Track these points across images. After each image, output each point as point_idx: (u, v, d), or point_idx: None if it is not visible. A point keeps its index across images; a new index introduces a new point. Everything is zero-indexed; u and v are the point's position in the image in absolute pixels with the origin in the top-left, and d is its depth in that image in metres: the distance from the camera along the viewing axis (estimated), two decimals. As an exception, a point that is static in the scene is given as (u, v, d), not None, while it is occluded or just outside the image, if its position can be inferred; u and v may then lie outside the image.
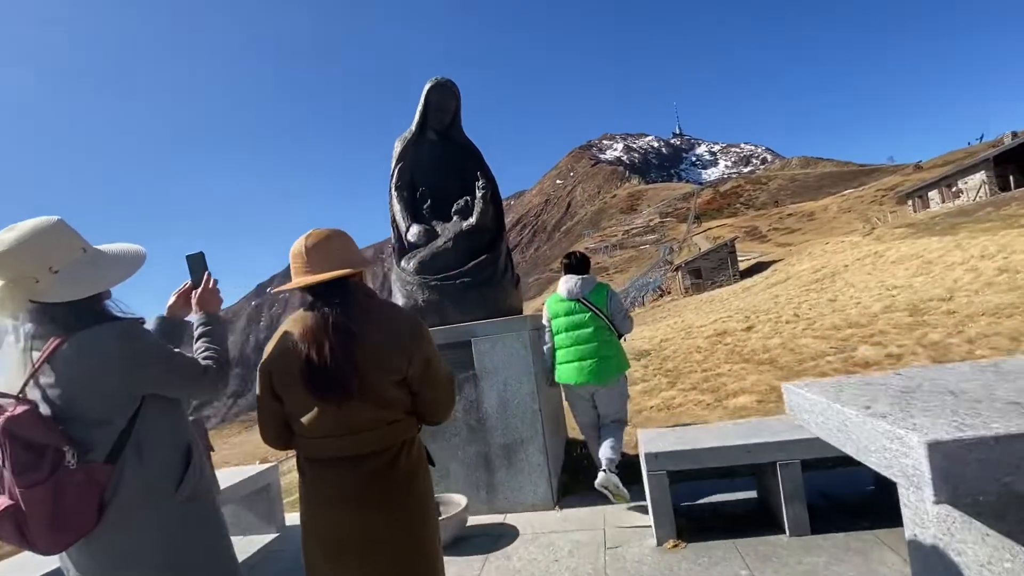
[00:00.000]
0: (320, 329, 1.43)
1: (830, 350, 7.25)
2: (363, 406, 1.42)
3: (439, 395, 1.56)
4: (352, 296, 1.49)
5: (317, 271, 1.48)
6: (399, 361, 1.45)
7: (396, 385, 1.46)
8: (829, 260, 21.20)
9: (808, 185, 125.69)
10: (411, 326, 1.50)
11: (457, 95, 4.42)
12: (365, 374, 1.41)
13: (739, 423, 3.39)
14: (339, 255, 1.50)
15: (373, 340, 1.43)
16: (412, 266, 4.01)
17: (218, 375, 1.52)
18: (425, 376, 1.51)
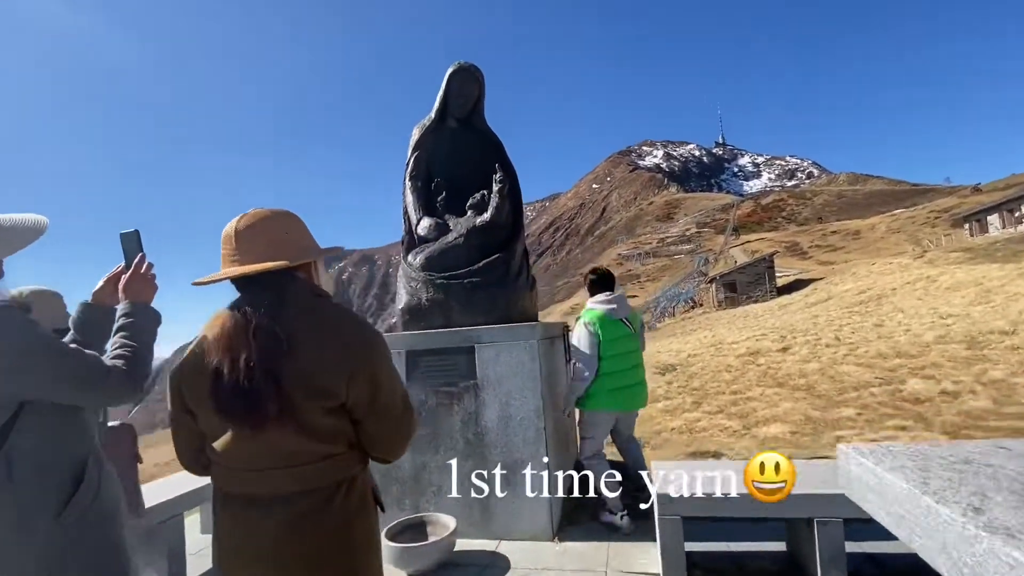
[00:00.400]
0: (238, 334, 1.12)
1: (875, 380, 6.62)
2: (286, 435, 1.11)
3: (387, 430, 1.23)
4: (288, 295, 1.18)
5: (246, 261, 1.18)
6: (335, 383, 1.13)
7: (330, 412, 1.15)
8: (875, 282, 20.00)
9: (856, 202, 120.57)
10: (359, 339, 1.18)
11: (480, 81, 4.11)
12: (290, 395, 1.10)
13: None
14: (277, 242, 1.20)
15: (306, 353, 1.12)
16: (419, 261, 3.73)
17: (127, 378, 1.24)
18: (372, 405, 1.18)
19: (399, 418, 1.25)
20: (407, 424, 1.28)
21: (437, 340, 3.44)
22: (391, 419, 1.23)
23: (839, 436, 4.85)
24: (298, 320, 1.16)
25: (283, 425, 1.10)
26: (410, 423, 1.29)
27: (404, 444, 1.29)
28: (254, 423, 1.09)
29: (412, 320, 3.66)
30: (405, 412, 1.27)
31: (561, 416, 3.85)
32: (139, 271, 1.44)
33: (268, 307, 1.15)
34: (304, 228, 1.30)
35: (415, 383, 3.45)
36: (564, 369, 4.46)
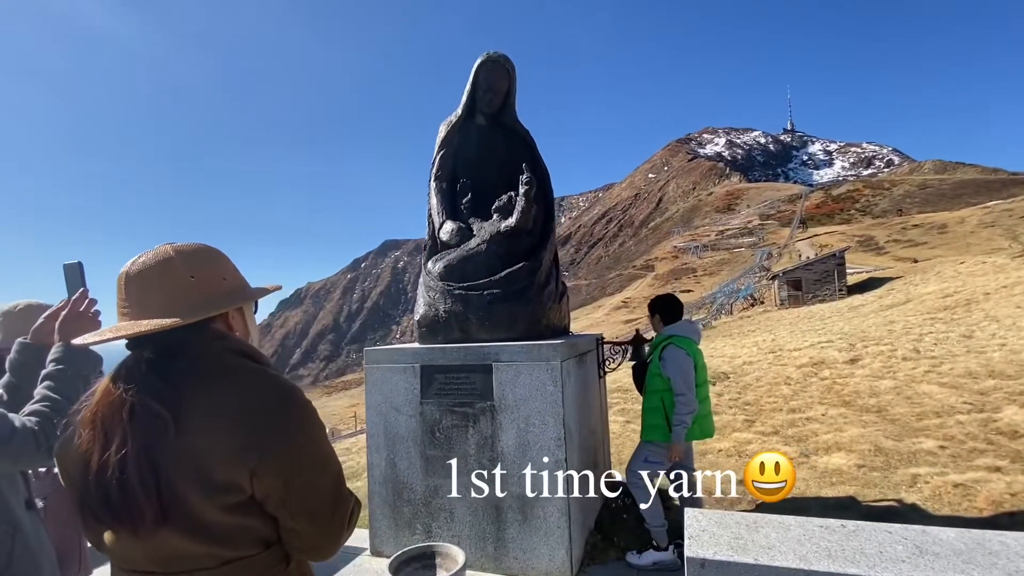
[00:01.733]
0: (110, 413, 0.89)
1: (962, 405, 5.80)
2: (176, 537, 0.87)
3: (310, 530, 0.97)
4: (185, 358, 0.94)
5: (136, 315, 0.95)
6: (235, 475, 0.88)
7: (233, 509, 0.90)
8: (964, 284, 18.02)
9: (942, 193, 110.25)
10: (269, 418, 0.92)
11: (510, 73, 3.79)
12: (177, 491, 0.86)
13: (830, 528, 2.51)
14: (176, 291, 0.96)
15: (199, 438, 0.87)
16: (438, 269, 3.48)
17: (34, 440, 1.05)
18: (286, 501, 0.93)
19: (327, 516, 0.98)
20: (338, 521, 1.00)
21: (453, 356, 3.19)
22: (316, 517, 0.96)
23: (915, 474, 4.22)
24: (194, 393, 0.90)
25: (171, 526, 0.87)
26: (342, 520, 1.01)
27: (336, 544, 1.02)
28: (129, 528, 0.86)
29: (428, 333, 3.43)
30: (336, 506, 0.99)
31: (589, 444, 3.54)
32: (77, 308, 1.25)
33: (155, 376, 0.91)
34: (221, 268, 1.04)
35: (429, 400, 3.23)
36: (598, 387, 4.11)
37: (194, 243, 1.04)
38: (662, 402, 3.25)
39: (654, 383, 3.30)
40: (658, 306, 3.51)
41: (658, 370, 3.27)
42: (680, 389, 3.15)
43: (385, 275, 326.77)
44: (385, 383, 3.34)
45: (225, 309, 1.01)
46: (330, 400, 52.20)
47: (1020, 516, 3.38)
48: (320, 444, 0.98)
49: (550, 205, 3.81)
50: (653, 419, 3.28)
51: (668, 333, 3.37)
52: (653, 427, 3.28)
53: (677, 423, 3.15)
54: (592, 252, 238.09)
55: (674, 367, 3.18)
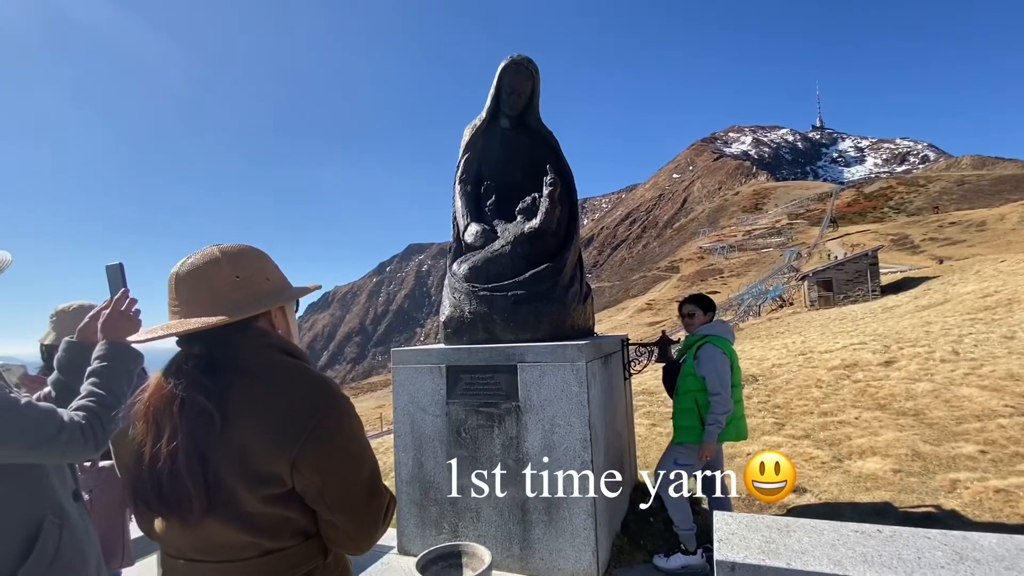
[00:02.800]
0: (161, 408, 0.94)
1: (1004, 408, 5.57)
2: (220, 527, 0.92)
3: (347, 523, 1.00)
4: (231, 355, 0.99)
5: (186, 313, 1.00)
6: (276, 467, 0.92)
7: (274, 500, 0.94)
8: (1005, 283, 17.26)
9: (981, 189, 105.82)
10: (307, 414, 0.95)
11: (534, 75, 3.82)
12: (223, 482, 0.91)
13: (865, 532, 2.45)
14: (223, 290, 1.01)
15: (243, 431, 0.92)
16: (463, 271, 3.53)
17: (82, 434, 1.11)
18: (324, 494, 0.96)
19: (362, 509, 1.01)
20: (373, 515, 1.03)
21: (478, 356, 3.22)
22: (351, 510, 1.00)
23: (955, 479, 4.07)
24: (238, 388, 0.95)
25: (220, 515, 0.91)
26: (377, 514, 1.04)
27: (371, 537, 1.05)
28: (178, 516, 0.91)
29: (454, 334, 3.47)
30: (372, 500, 1.02)
31: (615, 446, 3.53)
32: (119, 308, 1.32)
33: (202, 372, 0.95)
34: (264, 269, 1.09)
35: (455, 400, 3.26)
36: (623, 389, 4.09)
37: (238, 244, 1.09)
38: (695, 403, 3.21)
39: (687, 383, 3.27)
40: (697, 303, 3.47)
41: (692, 370, 3.23)
42: (715, 388, 3.12)
43: (409, 278, 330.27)
44: (412, 383, 3.39)
45: (268, 308, 1.05)
46: (357, 402, 53.03)
47: (1068, 524, 3.24)
48: (357, 440, 1.02)
49: (574, 206, 3.82)
50: (685, 420, 3.25)
51: (703, 332, 3.33)
52: (685, 428, 3.25)
53: (711, 422, 3.11)
54: (615, 254, 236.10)
55: (710, 365, 3.15)
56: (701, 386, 3.19)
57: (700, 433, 3.17)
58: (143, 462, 0.93)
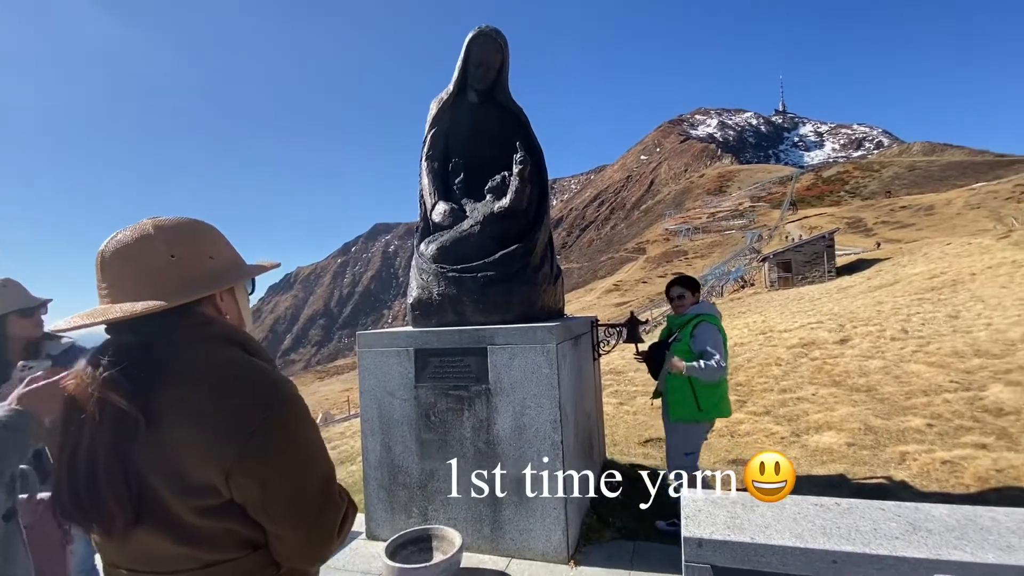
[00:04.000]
0: (79, 409, 0.82)
1: (950, 384, 5.89)
2: (153, 538, 0.83)
3: (293, 535, 0.89)
4: (166, 346, 0.87)
5: (116, 297, 0.88)
6: (209, 476, 0.82)
7: (210, 512, 0.84)
8: (951, 264, 18.24)
9: (930, 174, 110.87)
10: (249, 413, 0.84)
11: (503, 48, 3.69)
12: (151, 490, 0.81)
13: (824, 506, 2.53)
14: (156, 272, 0.88)
15: (172, 434, 0.81)
16: (431, 251, 3.42)
17: None
18: (267, 505, 0.86)
19: (312, 521, 0.90)
20: (325, 528, 0.92)
21: (448, 339, 3.15)
22: (300, 523, 0.89)
23: (904, 452, 4.29)
24: (169, 386, 0.83)
25: (146, 527, 0.82)
26: (331, 526, 0.93)
27: (324, 552, 0.95)
28: (101, 528, 0.81)
29: (422, 316, 3.38)
30: (324, 511, 0.91)
31: (584, 426, 3.55)
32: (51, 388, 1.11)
33: (123, 369, 0.83)
34: (208, 245, 0.96)
35: (424, 384, 3.19)
36: (593, 370, 4.10)
37: (178, 217, 0.95)
38: (689, 382, 3.24)
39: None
40: (685, 284, 3.52)
41: (687, 347, 3.27)
42: (711, 354, 3.15)
43: (376, 259, 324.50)
44: (379, 367, 3.30)
45: (210, 292, 0.92)
46: (323, 385, 52.18)
47: (1006, 492, 3.45)
48: (305, 445, 0.90)
49: (544, 185, 3.75)
50: (680, 395, 3.27)
51: (695, 312, 3.38)
52: (680, 403, 3.26)
53: (696, 366, 3.12)
54: (584, 235, 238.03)
55: (709, 340, 3.20)
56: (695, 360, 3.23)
57: (696, 407, 3.21)
58: (61, 469, 0.82)
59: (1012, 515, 2.17)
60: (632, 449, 5.13)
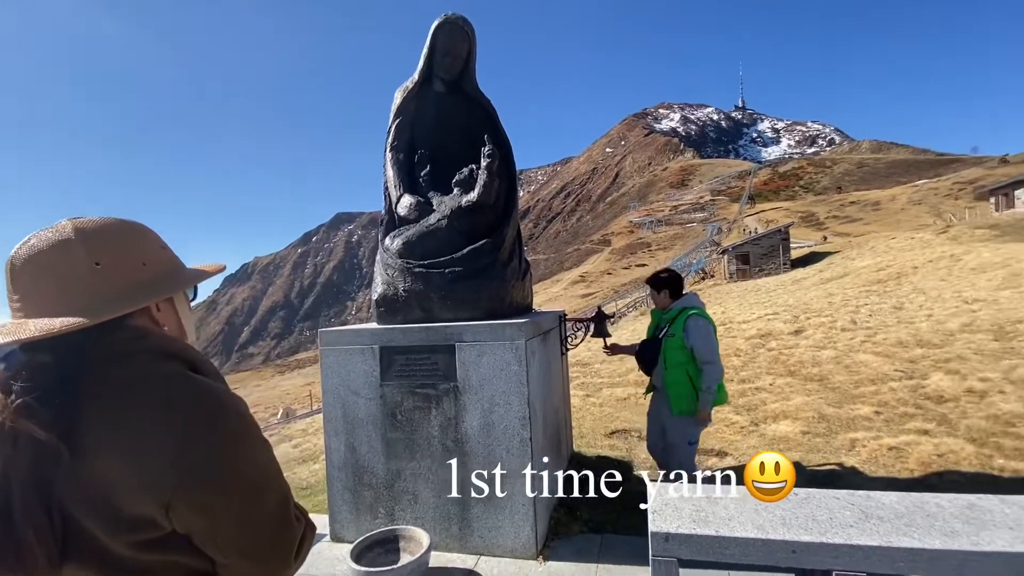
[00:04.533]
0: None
1: (895, 373, 6.22)
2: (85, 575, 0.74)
3: (251, 565, 0.82)
4: (93, 365, 0.77)
5: (30, 313, 0.77)
6: (146, 508, 0.73)
7: (147, 546, 0.75)
8: (895, 258, 19.26)
9: (877, 172, 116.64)
10: (188, 436, 0.75)
11: (470, 37, 3.61)
12: (78, 525, 0.73)
13: (785, 495, 2.61)
14: (75, 284, 0.78)
15: (100, 464, 0.72)
16: (396, 246, 3.33)
17: None
18: (215, 534, 0.78)
19: (266, 549, 0.83)
20: (280, 556, 0.84)
21: (415, 336, 3.08)
22: (253, 553, 0.81)
23: (854, 438, 4.50)
24: (95, 410, 0.74)
25: (75, 565, 0.72)
26: (287, 552, 0.85)
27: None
28: (20, 568, 0.71)
29: (387, 313, 3.29)
30: (278, 540, 0.84)
31: (552, 422, 3.56)
32: None
33: (39, 394, 0.73)
34: (139, 249, 0.86)
35: (390, 382, 3.12)
36: (561, 365, 4.11)
37: (104, 218, 0.84)
38: (687, 373, 3.29)
39: (677, 355, 3.33)
40: (667, 282, 3.55)
41: (681, 343, 3.30)
42: (708, 357, 3.22)
43: (338, 249, 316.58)
44: (342, 366, 3.20)
45: (141, 305, 0.82)
46: (283, 380, 50.83)
47: (947, 475, 3.67)
48: (256, 469, 0.82)
49: (513, 179, 3.71)
50: (680, 390, 3.31)
51: (683, 305, 3.43)
52: (681, 397, 3.31)
53: (705, 390, 3.23)
54: (551, 227, 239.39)
55: (701, 336, 3.25)
56: (690, 357, 3.27)
57: (695, 400, 3.28)
58: None
59: (955, 501, 2.30)
60: (599, 441, 5.19)
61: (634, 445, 4.94)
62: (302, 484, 4.81)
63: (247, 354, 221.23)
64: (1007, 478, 3.57)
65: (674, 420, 3.44)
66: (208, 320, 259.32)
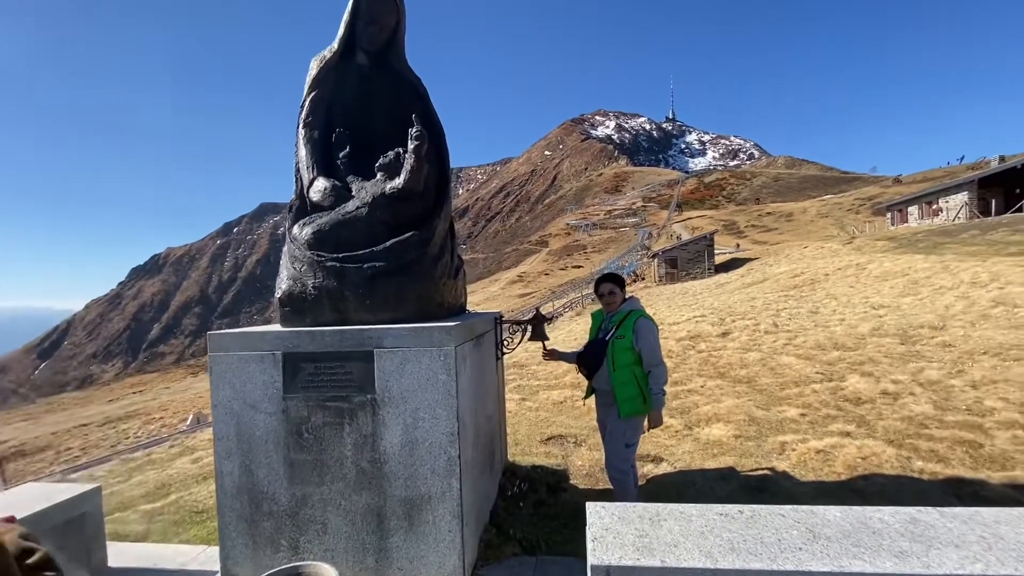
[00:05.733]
0: None
1: (816, 375, 6.46)
2: None
3: None
4: None
5: None
6: None
7: None
8: (809, 266, 20.69)
9: (791, 186, 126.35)
10: None
11: (399, 5, 3.22)
12: None
13: (729, 515, 2.45)
14: None
15: None
16: (306, 236, 2.88)
17: None
18: None
19: None
20: None
21: (325, 341, 2.66)
22: None
23: (783, 442, 4.54)
24: None
25: None
26: None
27: None
28: None
29: (293, 313, 2.84)
30: None
31: (485, 432, 3.26)
32: None
33: None
34: None
35: (295, 395, 2.67)
36: (496, 370, 3.81)
37: None
38: (634, 375, 3.23)
39: (624, 357, 3.25)
40: (615, 282, 3.47)
41: (630, 344, 3.24)
42: (657, 360, 3.22)
43: (262, 241, 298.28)
44: (237, 375, 2.72)
45: None
46: (196, 381, 47.01)
47: (872, 479, 3.73)
48: None
49: (445, 166, 3.36)
50: (628, 392, 3.23)
51: (629, 308, 3.38)
52: (630, 399, 3.22)
53: (657, 392, 3.17)
54: (490, 226, 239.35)
55: (650, 339, 3.22)
56: (637, 358, 3.22)
57: (642, 403, 3.20)
58: None
59: (897, 515, 2.21)
60: (534, 448, 4.94)
61: (570, 452, 4.73)
62: (198, 507, 4.19)
63: (157, 353, 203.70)
64: (927, 480, 3.67)
65: (618, 423, 3.28)
66: (110, 316, 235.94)
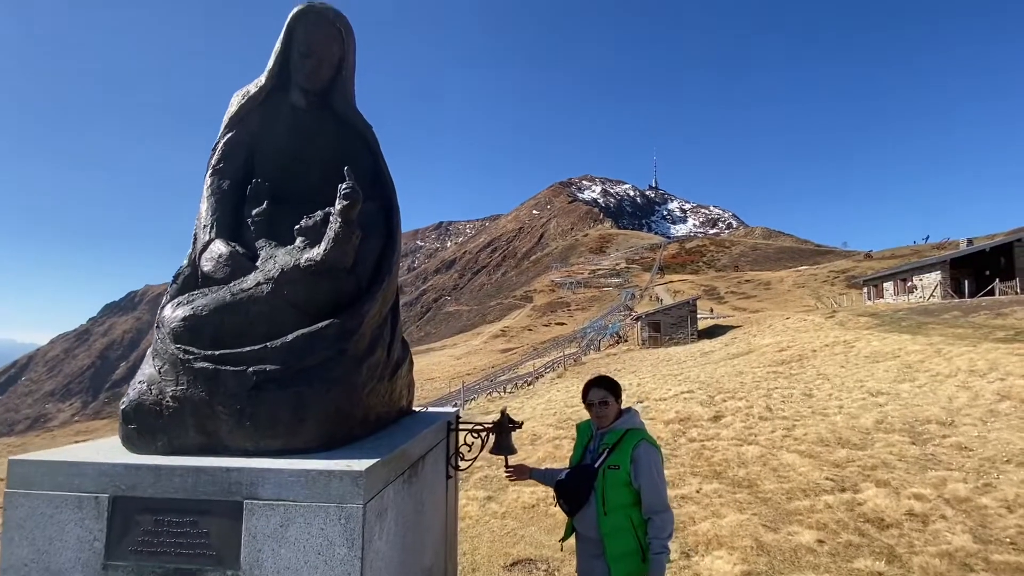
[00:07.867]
0: None
1: (825, 482, 5.63)
2: None
3: None
4: None
5: None
6: None
7: None
8: (794, 339, 20.24)
9: (768, 255, 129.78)
10: None
11: (344, 37, 2.58)
12: None
13: None
14: None
15: None
16: (175, 321, 2.07)
17: None
18: None
19: None
20: None
21: (172, 482, 1.79)
22: None
23: (804, 584, 3.66)
24: None
25: None
26: None
27: None
28: None
29: (140, 433, 1.97)
30: None
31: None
32: None
33: None
34: None
35: (123, 563, 1.77)
36: (444, 498, 2.91)
37: None
38: (631, 521, 2.32)
39: (619, 495, 2.33)
40: (608, 387, 2.52)
41: (627, 479, 2.32)
42: (660, 505, 2.31)
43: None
44: (40, 528, 1.81)
45: None
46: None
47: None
48: None
49: (393, 236, 2.63)
50: (622, 545, 2.31)
51: (627, 426, 2.45)
52: (625, 556, 2.30)
53: (658, 550, 2.26)
54: (476, 278, 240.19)
55: (652, 473, 2.32)
56: (636, 498, 2.34)
57: (641, 561, 2.31)
58: None
59: None
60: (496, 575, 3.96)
61: (539, 586, 3.76)
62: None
63: (119, 393, 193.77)
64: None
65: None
66: (76, 352, 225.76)
